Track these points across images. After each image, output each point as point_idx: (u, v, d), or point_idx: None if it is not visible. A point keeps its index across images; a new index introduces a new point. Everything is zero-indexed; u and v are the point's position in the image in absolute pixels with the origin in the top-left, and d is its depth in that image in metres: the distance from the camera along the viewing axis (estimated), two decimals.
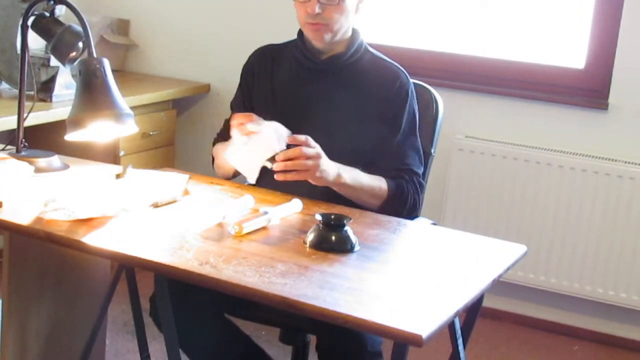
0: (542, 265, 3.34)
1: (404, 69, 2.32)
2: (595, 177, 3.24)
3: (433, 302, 1.62)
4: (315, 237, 1.83)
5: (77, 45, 2.18)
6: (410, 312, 1.56)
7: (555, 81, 3.38)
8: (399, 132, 2.26)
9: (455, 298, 1.64)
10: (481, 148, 3.37)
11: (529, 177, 3.32)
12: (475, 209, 3.39)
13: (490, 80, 3.43)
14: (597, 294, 3.29)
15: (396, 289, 1.67)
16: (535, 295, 3.42)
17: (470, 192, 3.40)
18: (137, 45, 3.98)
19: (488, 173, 3.37)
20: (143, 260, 1.71)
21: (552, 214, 3.31)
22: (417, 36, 3.59)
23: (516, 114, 3.39)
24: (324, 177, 2.06)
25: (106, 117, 2.00)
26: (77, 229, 1.80)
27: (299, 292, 1.58)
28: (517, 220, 3.34)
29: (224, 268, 1.66)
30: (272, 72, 2.34)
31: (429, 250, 1.95)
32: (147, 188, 2.03)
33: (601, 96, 3.29)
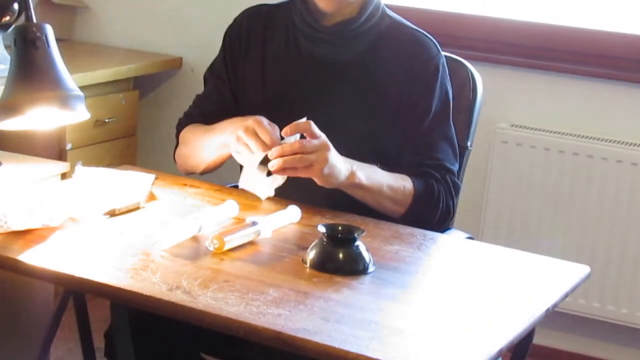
0: (609, 292, 3.34)
1: (433, 38, 2.33)
2: None
3: (470, 338, 1.62)
4: (317, 254, 1.83)
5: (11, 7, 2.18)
6: (441, 351, 1.56)
7: (624, 54, 3.38)
8: (426, 118, 2.26)
9: (498, 333, 1.65)
10: (531, 140, 3.38)
11: (593, 177, 3.32)
12: (523, 217, 3.40)
13: (542, 53, 3.44)
14: None
15: (422, 321, 1.67)
16: (600, 329, 3.43)
17: (516, 196, 3.41)
18: (89, 7, 3.99)
19: (540, 172, 3.38)
20: (96, 284, 1.71)
21: (624, 225, 3.30)
22: None
23: (574, 96, 3.40)
24: (334, 176, 2.05)
25: (49, 101, 2.00)
26: (12, 245, 1.81)
27: (297, 325, 1.59)
28: (577, 233, 3.34)
29: (200, 294, 1.67)
30: (263, 42, 2.35)
31: (464, 271, 1.95)
32: (101, 191, 2.04)
33: None
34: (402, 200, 2.19)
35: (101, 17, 3.99)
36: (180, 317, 1.65)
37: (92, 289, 1.76)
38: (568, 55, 3.41)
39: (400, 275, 1.86)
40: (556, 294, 1.85)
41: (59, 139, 3.29)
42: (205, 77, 2.43)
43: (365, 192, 2.15)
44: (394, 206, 2.19)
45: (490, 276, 1.93)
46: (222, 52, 2.39)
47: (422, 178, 2.22)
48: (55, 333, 2.15)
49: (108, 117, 3.54)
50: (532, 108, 3.44)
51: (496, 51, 3.44)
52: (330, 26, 2.28)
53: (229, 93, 2.35)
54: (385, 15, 2.33)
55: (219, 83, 2.38)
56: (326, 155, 2.01)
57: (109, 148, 3.58)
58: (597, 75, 3.36)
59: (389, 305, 1.72)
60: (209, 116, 2.32)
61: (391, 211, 2.20)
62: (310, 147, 1.99)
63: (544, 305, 1.79)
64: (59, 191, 2.06)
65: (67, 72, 2.05)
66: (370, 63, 2.28)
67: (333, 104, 2.23)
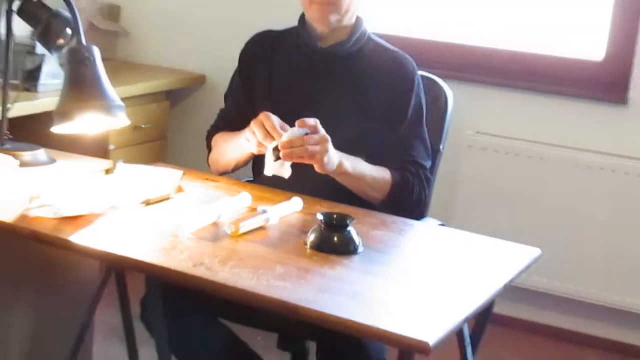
0: (556, 270, 3.33)
1: (410, 58, 2.33)
2: (613, 175, 3.24)
3: (441, 307, 1.62)
4: (316, 238, 1.83)
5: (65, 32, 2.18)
6: (417, 318, 1.56)
7: (572, 74, 3.37)
8: (404, 122, 2.26)
9: (464, 303, 1.64)
10: (493, 145, 3.38)
11: (544, 176, 3.32)
12: (486, 209, 3.39)
13: (503, 73, 3.43)
14: (615, 300, 3.29)
15: (402, 293, 1.67)
16: (549, 301, 3.42)
17: (480, 192, 3.41)
18: (129, 32, 3.98)
19: (500, 171, 3.37)
20: (133, 261, 1.71)
21: (568, 214, 3.31)
22: (426, 26, 3.59)
23: (530, 108, 3.40)
24: (331, 164, 2.06)
25: (95, 109, 2.00)
26: (64, 227, 1.81)
27: (298, 296, 1.58)
28: (530, 222, 3.34)
29: (219, 270, 1.67)
30: (270, 60, 2.35)
31: (437, 252, 1.95)
32: (138, 184, 2.03)
33: (620, 90, 3.29)
34: (381, 188, 2.19)
35: (138, 41, 3.98)
36: (202, 288, 1.65)
37: (130, 265, 1.76)
38: (523, 75, 3.41)
39: (384, 255, 1.86)
40: (512, 271, 1.86)
41: (103, 141, 3.29)
42: (225, 94, 2.44)
43: (351, 179, 2.15)
44: (375, 193, 2.19)
45: (458, 256, 1.93)
46: (237, 70, 2.40)
47: (400, 171, 2.22)
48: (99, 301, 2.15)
49: (144, 123, 3.54)
50: (493, 118, 3.43)
51: (464, 71, 3.44)
52: (325, 47, 2.29)
53: (246, 103, 2.35)
54: (370, 40, 2.33)
55: (237, 96, 2.38)
56: (327, 147, 2.03)
57: (144, 149, 3.57)
58: (546, 91, 3.37)
59: (375, 280, 1.72)
60: (231, 124, 2.33)
61: (372, 197, 2.20)
62: (314, 140, 2.01)
63: (502, 281, 1.79)
64: (103, 184, 2.06)
65: (110, 85, 2.05)
66: (359, 77, 2.28)
67: (329, 110, 2.23)
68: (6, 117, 2.23)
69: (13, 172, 2.10)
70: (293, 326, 2.09)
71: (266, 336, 2.46)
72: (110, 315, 3.02)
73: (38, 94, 3.01)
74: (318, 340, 2.16)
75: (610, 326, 3.38)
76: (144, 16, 3.95)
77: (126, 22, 3.99)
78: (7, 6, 2.19)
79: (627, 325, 3.35)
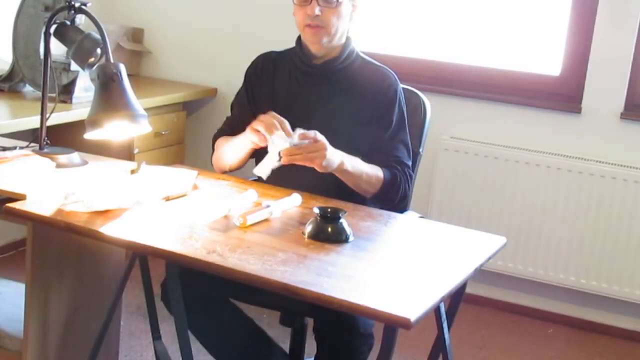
0: (520, 255, 3.34)
1: (392, 72, 2.32)
2: (568, 175, 3.24)
3: (420, 288, 1.62)
4: (313, 228, 1.83)
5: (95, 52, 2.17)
6: (400, 297, 1.56)
7: (533, 87, 3.38)
8: (389, 128, 2.26)
9: (440, 285, 1.64)
10: (465, 148, 3.38)
11: (508, 175, 3.32)
12: (459, 203, 3.40)
13: (474, 86, 3.43)
14: (570, 281, 3.30)
15: (386, 276, 1.67)
16: (513, 282, 3.43)
17: (454, 188, 3.41)
18: (151, 52, 3.97)
19: (471, 171, 3.38)
20: (155, 249, 1.71)
21: (530, 208, 3.31)
22: (406, 45, 3.59)
23: (497, 117, 3.40)
24: (329, 165, 2.06)
25: (122, 118, 2.00)
26: (95, 220, 1.80)
27: (298, 278, 1.58)
28: (497, 214, 3.34)
29: (229, 256, 1.66)
30: (273, 75, 2.34)
31: (417, 241, 1.95)
32: (159, 183, 2.03)
33: (575, 101, 3.29)
34: (374, 183, 2.19)
35: (159, 59, 3.97)
36: (215, 273, 1.65)
37: (152, 252, 1.75)
38: (491, 88, 3.41)
39: (372, 243, 1.86)
40: (482, 257, 1.85)
41: (129, 146, 3.28)
42: (232, 104, 2.43)
43: (349, 176, 2.15)
44: (369, 188, 2.19)
45: (435, 244, 1.93)
46: (243, 85, 2.40)
47: (388, 169, 2.22)
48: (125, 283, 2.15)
49: (164, 130, 3.53)
50: (466, 125, 3.43)
51: (440, 84, 3.44)
52: (319, 64, 2.28)
53: (249, 113, 2.35)
54: (358, 57, 2.33)
55: (242, 106, 2.37)
56: (324, 153, 2.03)
57: (164, 152, 3.57)
58: (511, 102, 3.37)
59: (363, 264, 1.72)
60: (235, 130, 2.32)
61: (366, 191, 2.20)
62: (312, 149, 2.02)
63: (473, 265, 1.79)
64: (128, 182, 2.06)
65: (135, 97, 2.04)
66: (349, 89, 2.27)
67: (324, 117, 2.23)
68: (45, 125, 2.22)
69: (51, 172, 2.10)
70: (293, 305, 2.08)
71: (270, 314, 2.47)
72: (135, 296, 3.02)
73: (72, 105, 3.00)
74: (315, 317, 2.16)
75: (566, 304, 3.38)
76: (164, 38, 3.94)
77: (148, 43, 3.98)
78: (46, 29, 2.18)
79: (580, 303, 3.36)
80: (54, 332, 2.11)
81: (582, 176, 3.23)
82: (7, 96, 3.05)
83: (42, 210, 1.84)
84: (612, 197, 3.19)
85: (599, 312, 3.34)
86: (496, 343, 3.19)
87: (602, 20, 3.20)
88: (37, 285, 2.03)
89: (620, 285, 3.23)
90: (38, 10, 2.96)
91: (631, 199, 3.17)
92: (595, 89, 3.25)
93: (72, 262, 2.14)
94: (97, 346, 2.14)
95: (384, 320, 1.52)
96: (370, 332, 2.10)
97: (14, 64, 3.07)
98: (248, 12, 3.75)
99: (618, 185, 3.18)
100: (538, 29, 3.41)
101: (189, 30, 3.89)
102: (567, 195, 3.25)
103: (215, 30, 3.83)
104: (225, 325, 2.28)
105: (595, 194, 3.21)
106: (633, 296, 3.22)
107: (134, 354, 2.79)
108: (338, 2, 2.17)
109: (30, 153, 2.18)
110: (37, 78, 3.01)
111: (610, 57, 3.20)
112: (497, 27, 3.47)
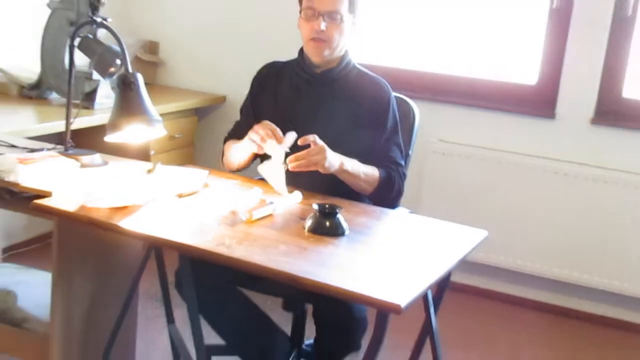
0: (500, 247, 3.34)
1: (386, 81, 2.32)
2: (544, 174, 3.25)
3: (410, 277, 1.62)
4: (312, 223, 1.82)
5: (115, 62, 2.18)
6: (391, 285, 1.56)
7: (512, 95, 3.38)
8: (384, 132, 2.26)
9: (428, 274, 1.64)
10: (451, 150, 3.38)
11: (490, 174, 3.33)
12: (445, 200, 3.39)
13: (459, 94, 3.43)
14: (545, 271, 3.30)
15: (379, 266, 1.67)
16: (494, 272, 3.43)
17: (441, 187, 3.41)
18: (165, 63, 3.97)
19: (457, 171, 3.38)
20: (169, 241, 1.71)
21: (509, 204, 3.32)
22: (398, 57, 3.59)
23: (480, 122, 3.40)
24: (331, 167, 2.06)
25: (139, 122, 1.99)
26: (115, 215, 1.80)
27: (299, 268, 1.58)
28: (480, 210, 3.34)
29: (236, 248, 1.66)
30: (276, 83, 2.34)
31: (407, 234, 1.95)
32: (172, 181, 2.03)
33: (549, 107, 3.29)
34: (372, 182, 2.19)
35: (173, 69, 3.97)
36: (223, 263, 1.65)
37: (166, 245, 1.75)
38: (474, 96, 3.41)
39: (366, 237, 1.86)
40: (466, 249, 1.86)
41: (145, 148, 3.28)
42: (240, 109, 2.43)
43: (349, 176, 2.14)
44: (367, 186, 2.19)
45: (424, 238, 1.93)
46: (249, 93, 2.39)
47: (384, 169, 2.22)
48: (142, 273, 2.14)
49: (177, 134, 3.53)
50: (452, 129, 3.43)
51: (429, 93, 3.44)
52: (319, 73, 2.27)
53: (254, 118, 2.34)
54: (354, 67, 2.32)
55: (249, 112, 2.37)
56: (325, 156, 2.03)
57: (177, 153, 3.56)
58: (493, 108, 3.37)
59: (358, 256, 1.72)
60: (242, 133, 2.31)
61: (364, 190, 2.19)
62: (314, 152, 2.02)
63: (458, 256, 1.80)
64: (145, 181, 2.05)
65: (151, 104, 2.04)
66: (347, 96, 2.26)
67: (325, 122, 2.23)
68: (69, 129, 2.22)
69: (74, 172, 2.09)
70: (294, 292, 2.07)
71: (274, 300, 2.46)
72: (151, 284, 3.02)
73: (94, 111, 3.00)
74: (314, 303, 2.16)
75: (542, 291, 3.39)
76: (177, 51, 3.94)
77: (163, 55, 3.98)
78: (70, 42, 2.18)
79: (554, 290, 3.36)
80: (77, 317, 2.11)
81: (556, 176, 3.23)
82: (35, 103, 3.05)
83: (66, 206, 1.84)
84: (583, 194, 3.19)
85: (570, 298, 3.35)
86: (478, 327, 3.19)
87: (574, 34, 3.20)
88: (62, 274, 2.03)
89: (591, 274, 3.23)
90: (63, 25, 2.95)
91: (600, 196, 3.17)
92: (568, 97, 3.25)
93: (94, 253, 2.14)
94: (116, 329, 2.13)
95: (376, 306, 1.52)
96: (364, 316, 2.10)
97: (42, 74, 3.06)
98: (253, 27, 3.75)
99: (588, 183, 3.18)
100: (517, 42, 3.41)
101: (199, 43, 3.89)
102: (543, 192, 3.26)
103: (223, 43, 3.83)
104: (232, 310, 2.27)
105: (568, 192, 3.21)
106: (601, 284, 3.22)
107: (150, 337, 2.79)
108: (341, 20, 2.17)
109: (56, 154, 2.18)
110: (62, 86, 3.01)
111: (582, 68, 3.21)
112: (481, 40, 3.47)
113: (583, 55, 3.20)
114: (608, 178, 3.16)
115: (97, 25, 2.24)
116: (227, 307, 2.25)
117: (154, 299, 3.04)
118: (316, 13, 2.16)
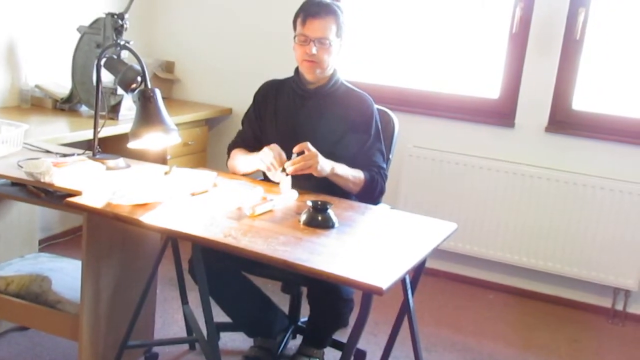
0: (468, 237, 3.35)
1: (369, 96, 2.32)
2: (505, 175, 3.25)
3: (390, 263, 1.62)
4: (307, 217, 1.82)
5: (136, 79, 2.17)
6: (374, 270, 1.56)
7: (477, 107, 3.38)
8: (368, 139, 2.25)
9: (406, 261, 1.65)
10: (425, 154, 3.38)
11: (459, 175, 3.33)
12: (421, 197, 3.40)
13: (432, 106, 3.43)
14: (507, 257, 3.30)
15: (364, 254, 1.67)
16: (463, 259, 3.43)
17: (417, 186, 3.41)
18: (180, 80, 3.96)
19: (430, 172, 3.38)
20: (184, 234, 1.71)
21: (476, 200, 3.32)
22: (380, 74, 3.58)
23: (450, 130, 3.40)
24: (323, 171, 2.06)
25: (157, 131, 1.99)
26: (136, 211, 1.80)
27: (295, 256, 1.58)
28: (450, 205, 3.35)
29: (241, 239, 1.66)
30: (275, 99, 2.33)
31: (388, 227, 1.95)
32: (186, 182, 2.02)
33: (509, 117, 3.30)
34: (358, 183, 2.19)
35: (187, 85, 3.95)
36: (230, 251, 1.65)
37: (181, 236, 1.75)
38: (444, 108, 3.41)
39: (352, 229, 1.86)
40: (438, 239, 1.86)
41: (163, 153, 3.26)
42: (242, 120, 2.42)
43: (339, 179, 2.14)
44: (354, 187, 2.19)
45: (402, 229, 1.93)
46: (252, 105, 2.38)
47: (368, 172, 2.21)
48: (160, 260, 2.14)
49: (190, 141, 3.52)
50: (425, 137, 3.43)
51: (406, 105, 3.43)
52: (312, 89, 2.27)
53: (256, 128, 2.34)
54: (342, 84, 2.32)
55: (251, 122, 2.36)
56: (317, 160, 2.03)
57: (191, 158, 3.55)
58: (460, 119, 3.36)
59: (346, 245, 1.72)
60: (246, 142, 2.32)
61: (351, 190, 2.19)
62: (307, 158, 2.02)
63: (431, 245, 1.80)
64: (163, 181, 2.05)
65: (168, 115, 2.04)
66: (336, 110, 2.26)
67: (316, 131, 2.22)
68: (97, 137, 2.21)
69: (101, 174, 2.09)
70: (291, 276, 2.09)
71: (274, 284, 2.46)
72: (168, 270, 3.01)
73: (119, 121, 2.98)
74: (308, 286, 2.16)
75: (504, 275, 3.39)
76: (190, 69, 3.93)
77: (178, 73, 3.96)
78: (97, 62, 2.17)
79: (514, 274, 3.36)
80: (104, 299, 2.10)
81: (515, 176, 3.24)
82: (67, 114, 3.03)
83: (94, 203, 1.83)
84: (538, 192, 3.20)
85: (528, 281, 3.36)
86: (449, 306, 3.20)
87: (530, 55, 3.21)
88: (90, 262, 2.02)
89: (545, 260, 3.24)
90: (92, 47, 2.94)
91: (552, 193, 3.19)
92: (526, 108, 3.26)
93: (118, 244, 2.14)
94: (138, 310, 2.13)
95: (362, 289, 1.52)
96: (351, 297, 2.10)
97: (73, 89, 3.05)
98: (256, 50, 3.74)
99: (543, 183, 3.19)
100: (482, 62, 3.41)
101: (210, 63, 3.88)
102: (505, 191, 3.26)
103: (230, 63, 3.82)
104: (238, 292, 2.27)
105: (526, 189, 3.22)
106: (554, 269, 3.23)
107: (167, 316, 2.78)
108: (330, 44, 2.17)
109: (85, 159, 2.17)
110: (90, 100, 2.99)
111: (537, 84, 3.22)
112: (451, 60, 3.47)
113: (538, 72, 3.21)
114: (560, 178, 3.17)
115: (120, 47, 2.24)
116: (233, 290, 2.25)
117: (170, 282, 3.03)
118: (308, 39, 2.16)
